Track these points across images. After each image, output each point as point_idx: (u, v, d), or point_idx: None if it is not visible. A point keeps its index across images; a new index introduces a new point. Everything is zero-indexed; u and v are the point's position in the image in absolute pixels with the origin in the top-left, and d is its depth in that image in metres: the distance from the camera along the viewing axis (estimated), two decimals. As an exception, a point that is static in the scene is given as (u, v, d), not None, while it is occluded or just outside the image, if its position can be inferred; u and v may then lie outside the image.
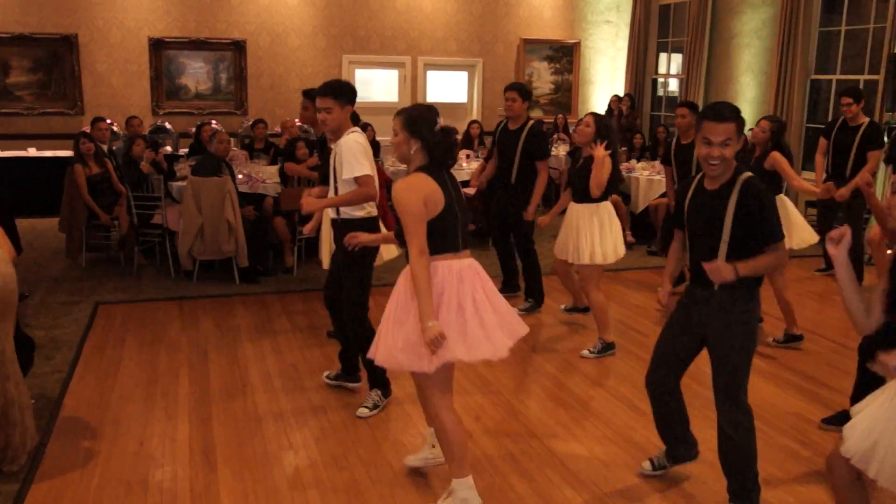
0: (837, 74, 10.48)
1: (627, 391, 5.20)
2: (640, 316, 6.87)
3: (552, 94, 13.91)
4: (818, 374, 5.63)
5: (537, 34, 13.55)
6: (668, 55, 13.83)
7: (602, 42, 14.13)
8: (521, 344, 5.97)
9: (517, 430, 4.60)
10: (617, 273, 8.25)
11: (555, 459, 4.25)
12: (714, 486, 4.00)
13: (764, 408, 5.01)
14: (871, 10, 9.99)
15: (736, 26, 11.85)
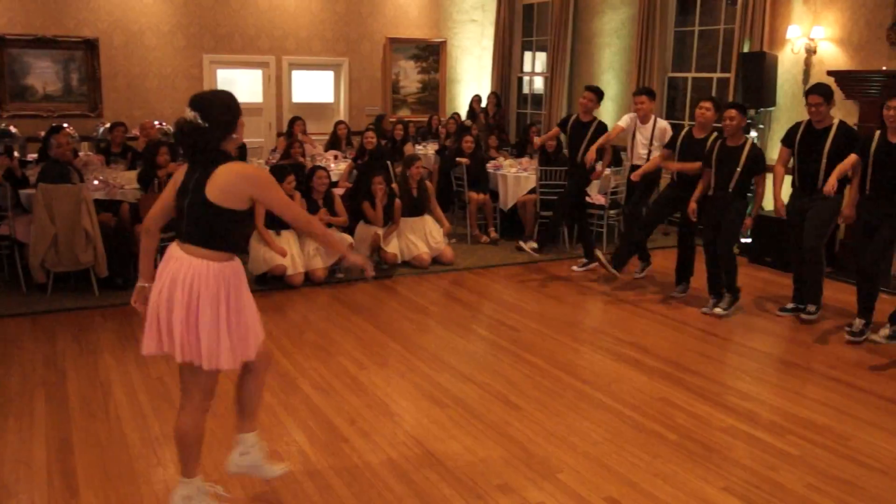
0: (692, 73, 10.91)
1: (501, 386, 5.23)
2: (513, 312, 6.94)
3: (419, 93, 13.92)
4: (681, 360, 5.82)
5: (403, 33, 13.53)
6: (533, 54, 14.07)
7: (468, 41, 14.25)
8: (390, 342, 5.98)
9: (392, 430, 4.56)
10: (488, 269, 8.32)
11: (432, 458, 4.22)
12: (591, 476, 4.06)
13: (632, 394, 5.14)
14: (721, 12, 10.44)
15: (597, 26, 12.17)
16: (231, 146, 3.35)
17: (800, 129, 6.66)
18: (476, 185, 9.53)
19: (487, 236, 9.54)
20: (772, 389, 5.36)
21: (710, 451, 4.38)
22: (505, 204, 9.55)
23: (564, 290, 7.65)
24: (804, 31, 8.96)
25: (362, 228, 7.95)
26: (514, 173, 9.54)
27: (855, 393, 5.29)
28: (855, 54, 8.55)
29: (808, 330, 6.64)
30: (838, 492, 3.99)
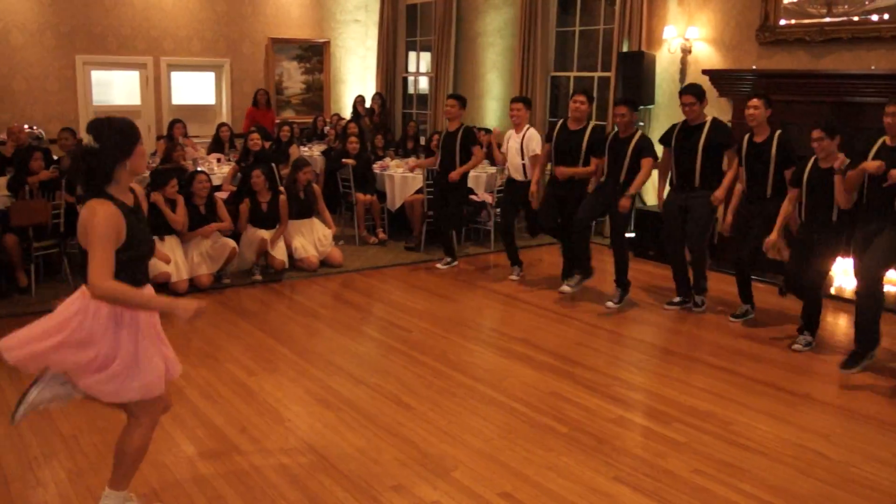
0: (574, 72, 11.12)
1: (393, 387, 5.20)
2: (402, 312, 6.92)
3: (304, 93, 13.74)
4: (570, 354, 5.92)
5: (286, 33, 13.33)
6: (418, 54, 14.09)
7: (352, 41, 14.15)
8: (280, 347, 5.87)
9: (284, 436, 4.47)
10: (377, 270, 8.27)
11: (325, 463, 4.15)
12: (485, 473, 4.07)
13: (523, 390, 5.19)
14: (600, 12, 10.68)
15: (480, 26, 12.27)
16: (126, 177, 3.21)
17: (676, 129, 6.89)
18: (363, 186, 9.47)
19: (376, 237, 9.49)
20: (658, 379, 5.50)
21: (600, 443, 4.46)
22: (392, 204, 9.51)
23: (454, 289, 7.68)
24: (680, 32, 9.25)
25: (249, 233, 7.77)
26: (400, 173, 9.51)
27: (735, 379, 5.49)
28: (728, 54, 8.88)
29: (692, 320, 6.85)
30: (723, 475, 4.12)
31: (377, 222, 9.60)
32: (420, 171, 9.14)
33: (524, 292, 7.59)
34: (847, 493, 3.98)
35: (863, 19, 7.66)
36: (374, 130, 11.68)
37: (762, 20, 8.43)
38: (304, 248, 8.10)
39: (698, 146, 6.67)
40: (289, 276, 7.88)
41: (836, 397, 5.23)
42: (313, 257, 8.12)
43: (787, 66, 8.28)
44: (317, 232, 8.30)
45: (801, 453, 4.40)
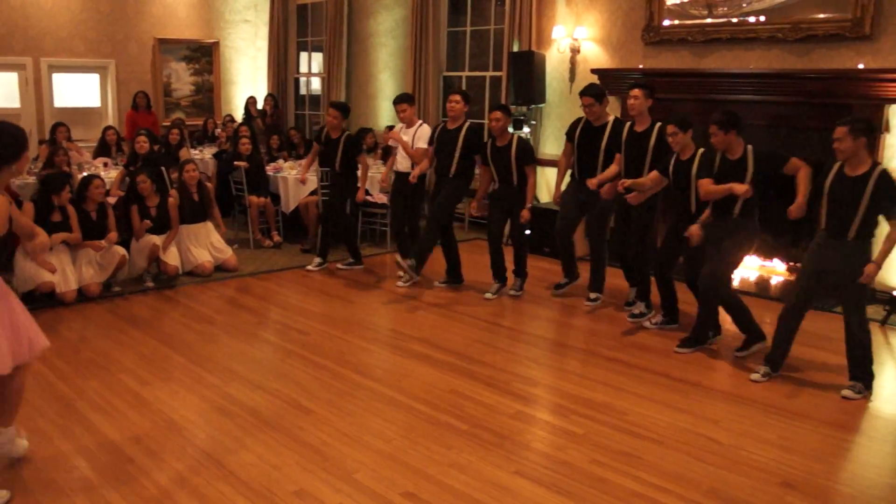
0: (466, 71, 11.22)
1: (292, 391, 5.13)
2: (299, 315, 6.84)
3: (193, 95, 13.45)
4: (468, 351, 5.96)
5: (173, 34, 13.01)
6: (309, 54, 13.96)
7: (241, 41, 13.92)
8: (174, 355, 5.72)
9: (181, 446, 4.35)
10: (273, 274, 8.16)
11: (225, 471, 4.06)
12: (387, 473, 4.06)
13: (423, 389, 5.20)
14: (491, 13, 10.81)
15: (372, 26, 12.24)
16: (6, 177, 3.50)
17: (579, 125, 7.07)
18: (256, 188, 9.32)
19: (270, 240, 9.36)
20: (555, 373, 5.60)
21: (501, 438, 4.51)
22: (287, 206, 9.39)
23: (351, 291, 7.63)
24: (568, 32, 9.44)
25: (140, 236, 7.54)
26: (294, 175, 9.40)
27: (630, 370, 5.63)
28: (615, 53, 9.11)
29: (587, 315, 7.00)
30: (620, 464, 4.22)
31: (271, 225, 9.46)
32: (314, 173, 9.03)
33: (420, 292, 7.61)
34: (737, 476, 4.13)
35: (741, 21, 7.98)
36: (267, 132, 11.52)
37: (647, 21, 8.68)
38: (197, 253, 7.92)
39: (601, 146, 6.87)
40: (182, 281, 7.69)
41: (725, 384, 5.43)
42: (207, 262, 7.94)
43: (672, 65, 8.55)
44: (211, 236, 8.12)
45: (694, 439, 4.55)
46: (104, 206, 7.27)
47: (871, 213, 5.06)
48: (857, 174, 5.08)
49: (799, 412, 4.97)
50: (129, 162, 9.09)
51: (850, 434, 4.74)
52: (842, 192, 5.13)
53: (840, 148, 5.07)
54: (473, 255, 8.61)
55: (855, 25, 7.19)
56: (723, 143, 5.71)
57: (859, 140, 5.01)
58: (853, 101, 7.18)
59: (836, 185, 5.17)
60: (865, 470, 4.31)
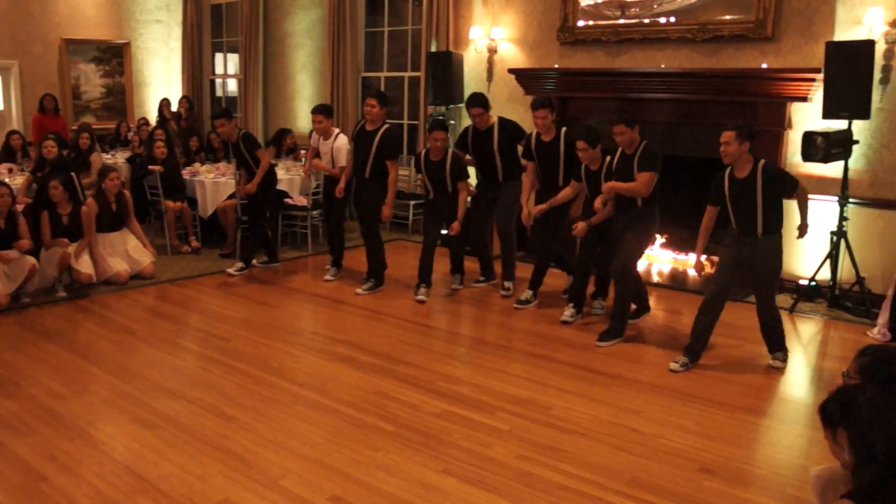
0: (385, 72, 11.21)
1: (214, 399, 5.05)
2: (220, 321, 6.74)
3: (104, 98, 13.10)
4: (392, 352, 5.96)
5: (81, 34, 12.64)
6: (225, 55, 13.75)
7: (154, 42, 13.62)
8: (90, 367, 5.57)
9: (99, 460, 4.24)
10: (191, 280, 8.02)
11: (146, 484, 3.98)
12: (313, 478, 4.04)
13: (348, 392, 5.19)
14: (408, 13, 10.82)
15: (288, 26, 12.13)
16: None
17: (469, 133, 7.43)
18: (172, 192, 9.14)
19: (188, 246, 9.19)
20: (479, 371, 5.64)
21: (427, 437, 4.52)
22: (204, 211, 9.24)
23: (272, 295, 7.56)
24: (485, 32, 9.51)
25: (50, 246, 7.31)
26: (211, 179, 9.26)
27: (552, 365, 5.71)
28: (532, 53, 9.22)
29: (509, 312, 7.07)
30: (545, 458, 4.28)
31: (189, 230, 9.30)
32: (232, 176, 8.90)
33: (343, 294, 7.58)
34: (659, 464, 4.24)
35: (652, 21, 8.16)
36: (182, 135, 11.32)
37: (562, 21, 8.81)
38: (113, 262, 7.72)
39: (493, 148, 7.23)
40: (97, 290, 7.49)
41: (645, 376, 5.55)
42: (123, 271, 7.75)
43: (587, 64, 8.70)
44: (128, 243, 7.93)
45: (616, 430, 4.64)
46: (13, 213, 7.03)
47: (769, 207, 5.37)
48: (743, 176, 5.44)
49: (716, 400, 5.12)
50: (36, 168, 8.82)
51: (763, 419, 4.91)
52: (738, 195, 5.48)
53: (727, 151, 5.38)
54: (397, 256, 8.62)
55: (758, 27, 7.44)
56: (628, 142, 6.07)
57: (744, 144, 5.36)
58: (758, 100, 7.43)
59: (732, 189, 5.51)
60: (778, 452, 4.47)
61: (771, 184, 5.36)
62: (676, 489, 3.99)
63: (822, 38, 7.08)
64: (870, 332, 6.44)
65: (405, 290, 7.60)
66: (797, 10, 7.28)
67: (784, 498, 3.91)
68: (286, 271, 8.40)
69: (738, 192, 5.47)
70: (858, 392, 2.42)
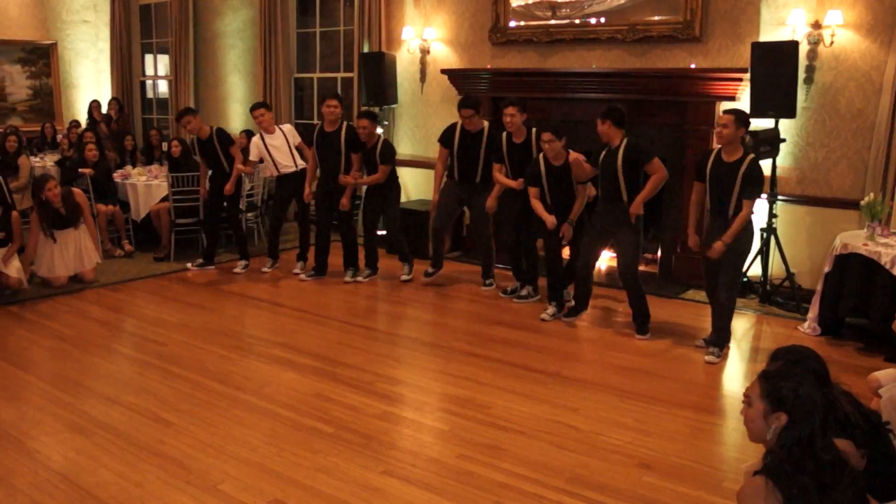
0: (318, 73, 11.16)
1: (151, 404, 4.99)
2: (156, 326, 6.64)
3: (31, 100, 12.78)
4: (331, 354, 5.96)
5: (5, 34, 12.31)
6: (155, 56, 13.53)
7: (81, 43, 13.34)
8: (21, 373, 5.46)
9: (33, 469, 4.16)
10: (125, 284, 7.89)
11: (83, 492, 3.92)
12: (253, 482, 4.02)
13: (286, 394, 5.17)
14: (340, 14, 10.78)
15: (219, 27, 11.99)
16: None
17: (456, 132, 7.53)
18: (104, 196, 8.97)
19: (122, 249, 9.04)
20: (418, 371, 5.67)
21: (367, 439, 4.54)
22: (137, 214, 9.10)
23: (207, 298, 7.48)
24: (417, 33, 9.53)
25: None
26: (143, 181, 9.12)
27: (490, 364, 5.76)
28: (464, 54, 9.27)
29: (447, 312, 7.11)
30: (485, 456, 4.32)
31: (122, 234, 9.14)
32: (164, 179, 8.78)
33: (280, 296, 7.54)
34: (598, 460, 4.31)
35: (583, 22, 8.28)
36: (113, 137, 11.11)
37: (494, 22, 8.88)
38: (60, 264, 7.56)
39: (480, 151, 7.40)
40: (29, 295, 7.32)
41: (583, 373, 5.63)
42: (63, 276, 7.58)
43: (519, 65, 8.79)
44: (82, 241, 7.71)
45: (555, 428, 4.71)
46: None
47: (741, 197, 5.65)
48: (731, 161, 5.66)
49: (653, 396, 5.22)
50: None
51: (700, 414, 5.01)
52: (720, 177, 5.71)
53: (723, 133, 5.63)
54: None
55: (686, 27, 7.60)
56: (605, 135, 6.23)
57: (740, 130, 5.61)
58: (687, 99, 7.60)
59: (716, 170, 5.74)
60: (714, 446, 4.60)
61: (748, 180, 5.58)
62: (616, 485, 4.06)
63: (748, 38, 7.27)
64: (800, 327, 6.60)
65: (344, 293, 7.59)
66: (723, 11, 7.47)
67: (721, 491, 4.00)
68: (221, 274, 8.31)
69: (721, 175, 5.69)
70: (803, 384, 2.57)
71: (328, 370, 5.64)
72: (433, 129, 9.57)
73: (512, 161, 7.15)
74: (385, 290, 7.74)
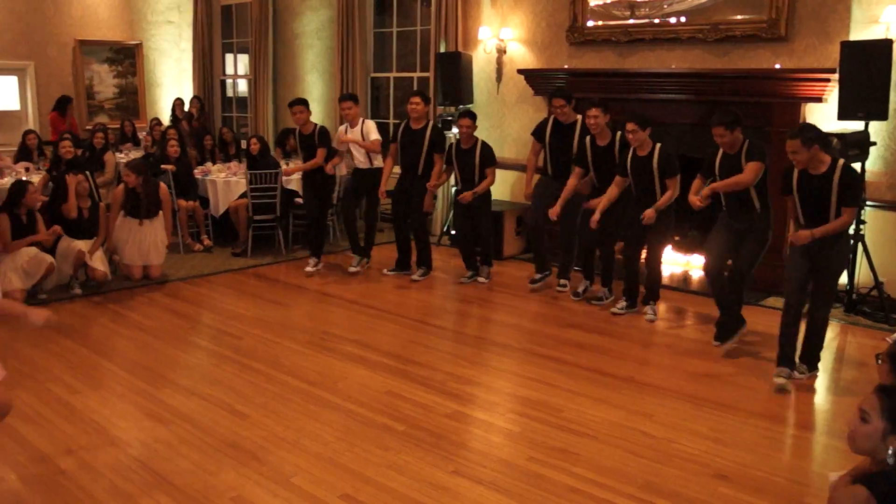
0: (394, 72, 11.23)
1: (227, 396, 5.09)
2: (233, 320, 6.77)
3: (117, 98, 13.16)
4: (403, 352, 5.98)
5: (94, 35, 12.71)
6: (235, 56, 13.80)
7: (165, 43, 13.68)
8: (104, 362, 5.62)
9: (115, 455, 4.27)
10: (203, 278, 8.06)
11: (160, 480, 4.01)
12: (325, 476, 4.06)
13: (359, 391, 5.21)
14: (417, 14, 10.84)
15: (298, 27, 12.16)
16: None
17: (548, 125, 7.54)
18: (185, 191, 9.18)
19: (201, 244, 9.24)
20: (489, 372, 5.65)
21: (438, 438, 4.54)
22: (216, 210, 9.29)
23: (283, 294, 7.59)
24: (494, 33, 9.52)
25: (64, 244, 7.36)
26: (223, 178, 9.30)
27: (562, 367, 5.71)
28: (540, 54, 9.22)
29: (520, 313, 7.07)
30: (556, 460, 4.28)
31: (201, 229, 9.34)
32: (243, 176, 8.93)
33: (354, 293, 7.60)
34: (672, 468, 4.23)
35: (662, 22, 8.15)
36: (194, 135, 11.36)
37: (571, 21, 8.81)
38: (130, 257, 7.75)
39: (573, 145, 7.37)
40: (111, 288, 7.54)
41: (657, 379, 5.54)
42: (138, 268, 7.78)
43: (596, 65, 8.69)
44: (157, 234, 7.89)
45: (628, 434, 4.64)
46: (32, 210, 7.14)
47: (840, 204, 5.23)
48: (821, 172, 5.20)
49: (730, 405, 5.08)
50: (51, 166, 8.87)
51: (780, 425, 4.87)
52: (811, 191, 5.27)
53: (798, 160, 5.18)
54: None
55: (770, 27, 7.42)
56: (729, 143, 5.92)
57: (813, 148, 5.13)
58: (771, 100, 7.41)
59: (804, 185, 5.30)
60: (795, 459, 4.45)
61: (846, 185, 5.17)
62: (690, 494, 3.96)
63: (837, 37, 7.04)
64: (888, 338, 6.30)
65: (416, 291, 7.61)
66: (811, 9, 7.25)
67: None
68: (298, 271, 8.41)
69: (812, 189, 5.27)
70: None
71: (400, 368, 5.66)
72: (509, 130, 9.55)
73: (597, 166, 7.07)
74: (457, 290, 7.74)
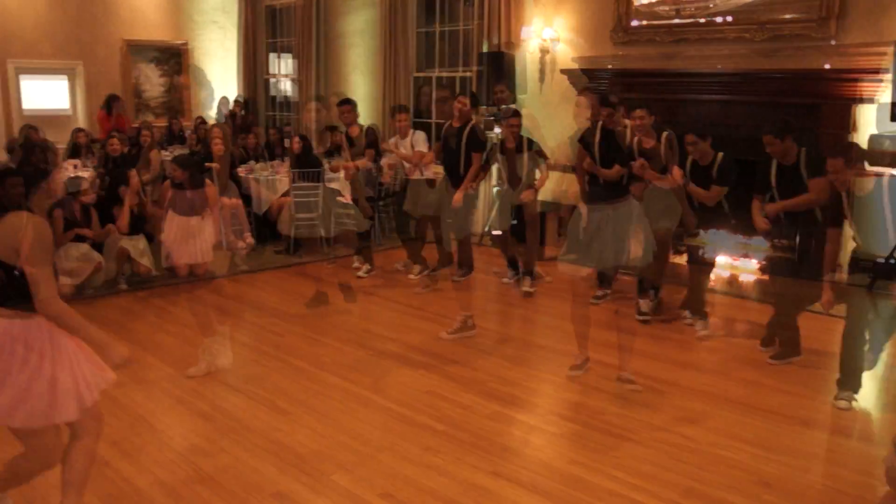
0: (437, 71, 11.23)
1: (268, 393, 5.12)
2: (273, 316, 6.82)
3: (163, 97, 13.33)
4: (444, 352, 5.98)
5: (141, 35, 12.88)
6: (279, 56, 13.91)
7: (211, 43, 13.82)
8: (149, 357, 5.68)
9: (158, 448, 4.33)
10: (246, 275, 8.13)
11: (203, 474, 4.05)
12: (365, 475, 4.07)
13: (399, 390, 5.21)
14: (460, 13, 10.83)
15: (342, 27, 12.22)
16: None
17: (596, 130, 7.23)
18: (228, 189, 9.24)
19: (243, 242, 9.30)
20: (529, 373, 5.63)
21: (478, 438, 4.52)
22: (259, 208, 9.36)
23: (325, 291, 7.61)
24: (537, 32, 9.48)
25: (110, 241, 7.46)
26: (266, 176, 9.37)
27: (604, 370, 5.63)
28: (584, 54, 9.15)
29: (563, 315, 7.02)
30: (597, 463, 4.25)
31: (244, 227, 9.40)
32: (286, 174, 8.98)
33: (394, 293, 7.61)
34: (714, 475, 4.16)
35: (708, 21, 8.05)
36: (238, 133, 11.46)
37: (616, 21, 8.73)
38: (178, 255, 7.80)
39: None
40: (156, 284, 7.63)
41: (701, 384, 5.46)
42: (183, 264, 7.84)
43: (641, 65, 8.61)
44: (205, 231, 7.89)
45: (671, 438, 4.58)
46: (88, 208, 7.28)
47: None
48: None
49: (775, 412, 4.99)
50: (100, 164, 9.01)
51: (824, 432, 4.79)
52: None
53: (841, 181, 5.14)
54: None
55: (820, 26, 7.29)
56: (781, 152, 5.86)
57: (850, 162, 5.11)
58: (820, 101, 7.27)
59: None
60: (840, 469, 4.34)
61: None
62: (733, 501, 3.91)
63: (889, 37, 6.88)
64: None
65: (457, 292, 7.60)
66: (864, 9, 7.09)
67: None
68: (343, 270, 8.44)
69: None
70: None
71: (441, 368, 5.65)
72: (553, 130, 9.47)
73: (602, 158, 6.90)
74: (500, 292, 7.71)
